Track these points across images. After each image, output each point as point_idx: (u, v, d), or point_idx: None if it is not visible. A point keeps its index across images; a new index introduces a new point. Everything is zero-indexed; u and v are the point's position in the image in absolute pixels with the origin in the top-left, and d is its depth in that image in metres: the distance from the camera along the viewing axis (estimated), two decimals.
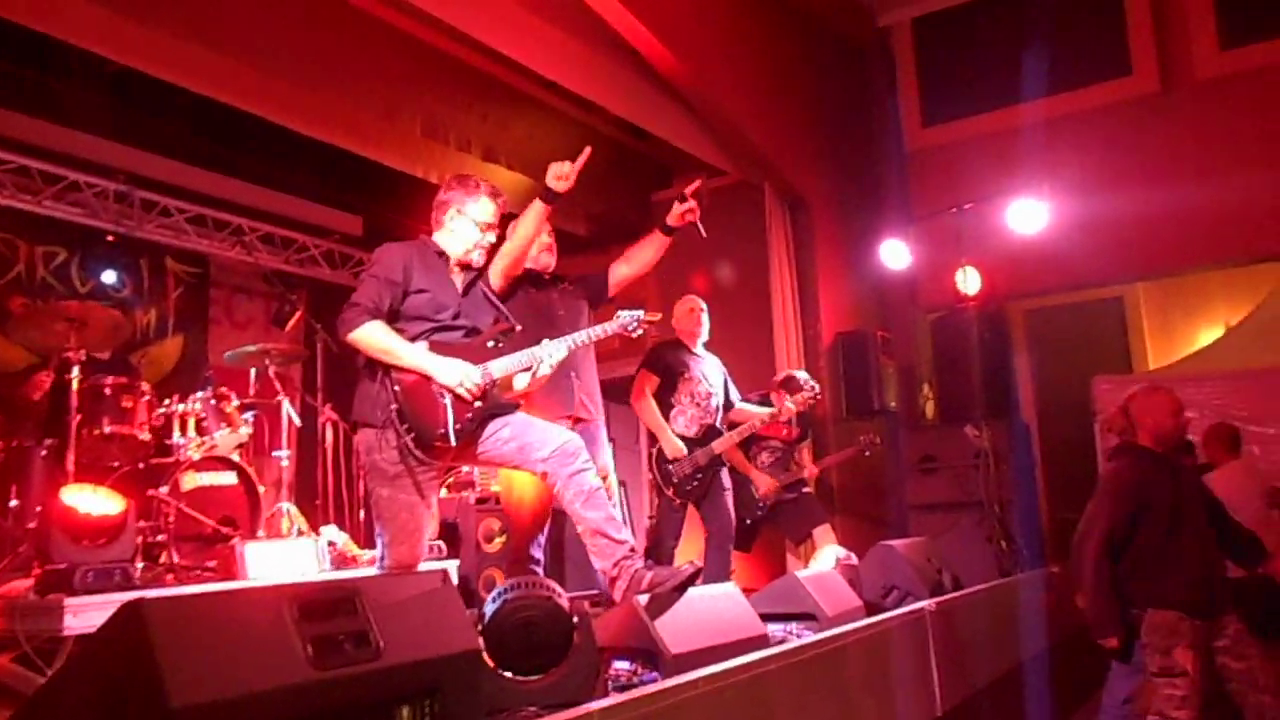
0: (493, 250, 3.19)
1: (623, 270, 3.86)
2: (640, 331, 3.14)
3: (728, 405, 4.74)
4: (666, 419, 4.52)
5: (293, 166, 6.69)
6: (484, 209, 3.04)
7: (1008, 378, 6.99)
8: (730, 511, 4.55)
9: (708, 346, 4.79)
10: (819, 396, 4.93)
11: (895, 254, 6.60)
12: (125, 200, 6.03)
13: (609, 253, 8.35)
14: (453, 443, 2.78)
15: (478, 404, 2.83)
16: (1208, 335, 7.52)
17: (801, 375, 5.45)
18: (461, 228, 3.03)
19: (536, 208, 3.40)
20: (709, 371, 4.68)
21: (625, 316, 3.09)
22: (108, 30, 4.74)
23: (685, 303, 4.83)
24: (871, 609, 3.55)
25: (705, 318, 4.77)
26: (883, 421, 6.82)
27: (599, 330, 3.11)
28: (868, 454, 5.60)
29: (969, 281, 6.17)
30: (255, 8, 4.97)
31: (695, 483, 4.46)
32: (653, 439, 4.67)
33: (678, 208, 3.70)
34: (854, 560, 4.25)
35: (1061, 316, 7.98)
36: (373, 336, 2.80)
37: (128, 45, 4.90)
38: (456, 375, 2.80)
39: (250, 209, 6.84)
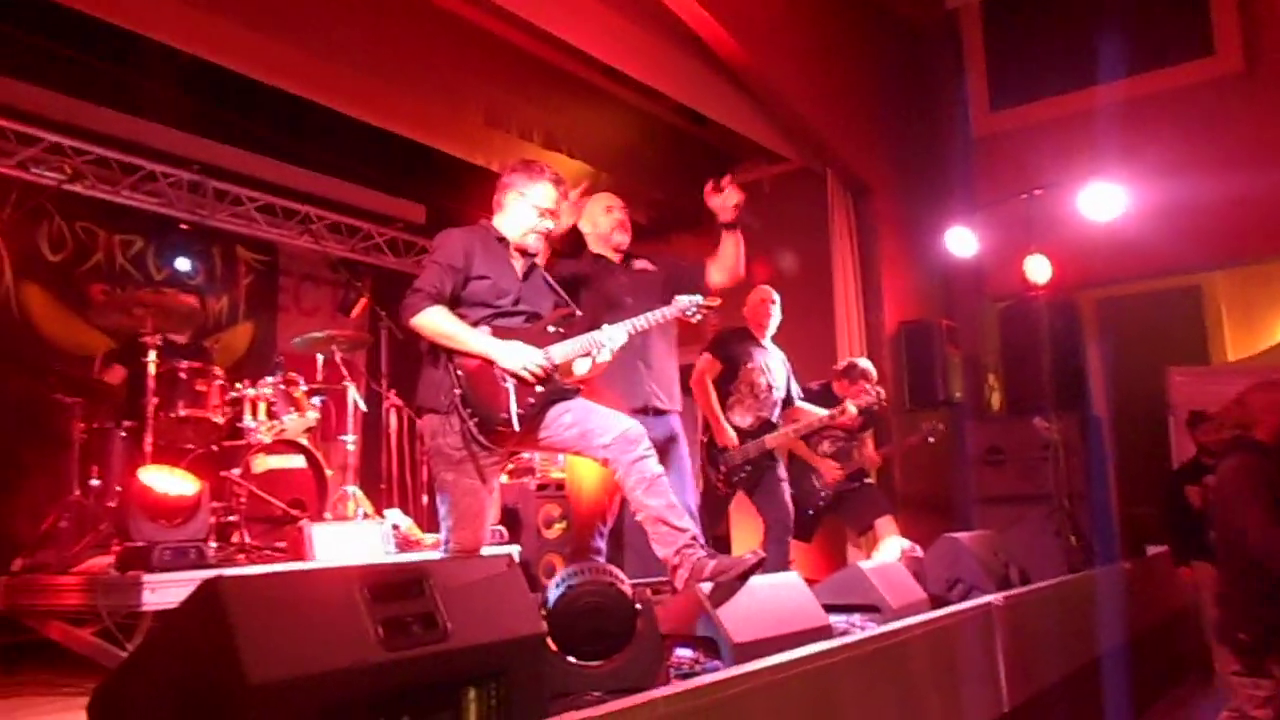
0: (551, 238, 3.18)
1: (715, 276, 3.63)
2: (699, 317, 3.11)
3: (787, 401, 4.69)
4: (724, 408, 4.49)
5: (358, 156, 6.80)
6: (545, 194, 3.02)
7: (1078, 368, 6.80)
8: (787, 503, 4.51)
9: (774, 339, 4.76)
10: (884, 400, 4.84)
11: (962, 241, 6.46)
12: (198, 190, 6.19)
13: (669, 241, 8.39)
14: (516, 427, 2.80)
15: (539, 388, 2.84)
16: None
17: (863, 363, 5.39)
18: (520, 210, 3.03)
19: None
20: (772, 364, 4.64)
21: (684, 301, 3.06)
22: (180, 23, 4.85)
23: (758, 292, 4.78)
24: (936, 602, 3.49)
25: (776, 309, 4.72)
26: (947, 412, 6.69)
27: (657, 315, 3.08)
28: (931, 440, 5.49)
29: (1038, 270, 6.00)
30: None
31: (744, 474, 4.44)
32: (707, 426, 4.65)
33: (717, 200, 3.50)
34: (918, 552, 4.18)
35: (1135, 306, 7.73)
36: (435, 321, 2.82)
37: (200, 37, 5.02)
38: (519, 359, 2.81)
39: (317, 198, 6.97)
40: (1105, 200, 5.84)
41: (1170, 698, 5.29)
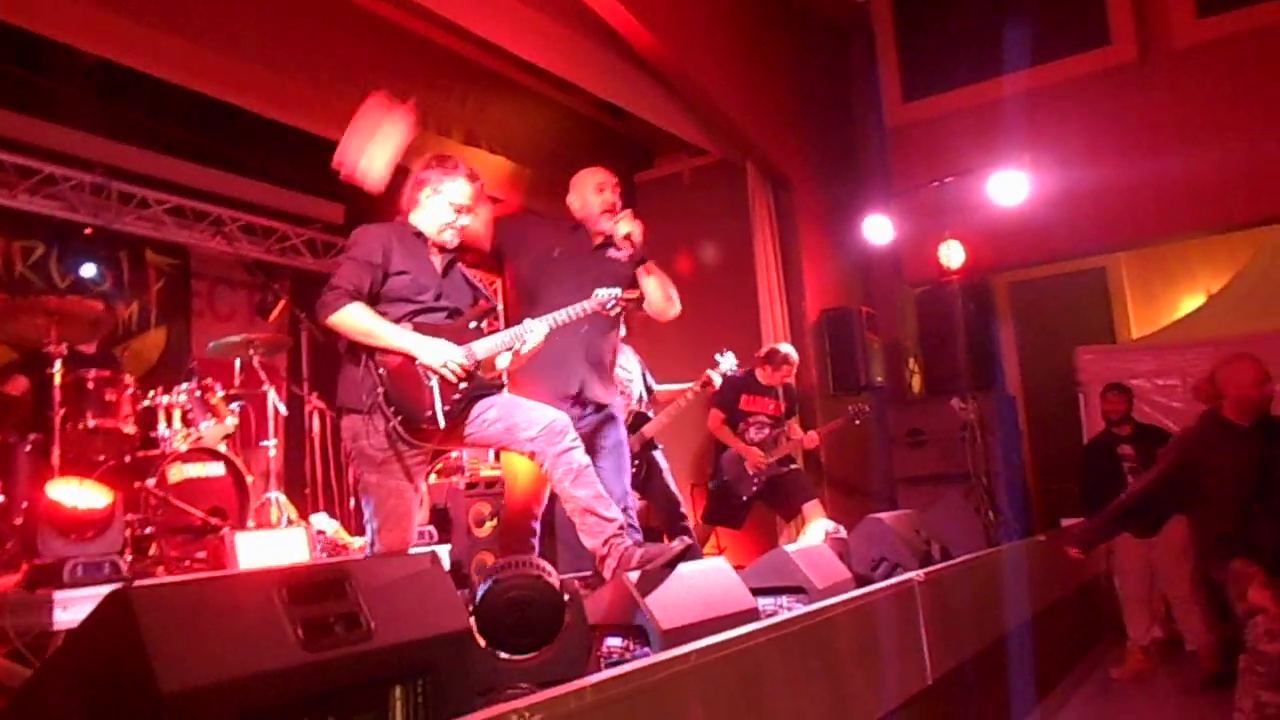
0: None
1: (653, 311, 3.52)
2: (618, 309, 3.11)
3: (649, 390, 4.93)
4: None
5: (272, 155, 6.63)
6: (460, 190, 2.98)
7: (992, 350, 7.05)
8: (673, 490, 4.67)
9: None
10: (732, 368, 5.10)
11: (878, 229, 6.62)
12: (102, 192, 5.96)
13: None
14: (440, 424, 2.77)
15: (463, 385, 2.82)
16: (1190, 303, 7.58)
17: (785, 348, 5.50)
18: (435, 206, 2.99)
19: None
20: (626, 362, 4.79)
21: (603, 294, 3.04)
22: (82, 22, 4.67)
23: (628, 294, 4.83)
24: (861, 581, 3.57)
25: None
26: (869, 396, 6.85)
27: (576, 309, 3.08)
28: (858, 423, 5.63)
29: (952, 255, 6.19)
30: None
31: (631, 470, 4.51)
32: None
33: (607, 226, 3.41)
34: (843, 534, 4.27)
35: (1045, 288, 8.03)
36: (354, 318, 2.78)
37: (103, 37, 4.84)
38: (441, 355, 2.78)
39: (230, 199, 6.77)
40: (1012, 187, 6.04)
41: (1088, 658, 5.53)
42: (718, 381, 5.01)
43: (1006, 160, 6.15)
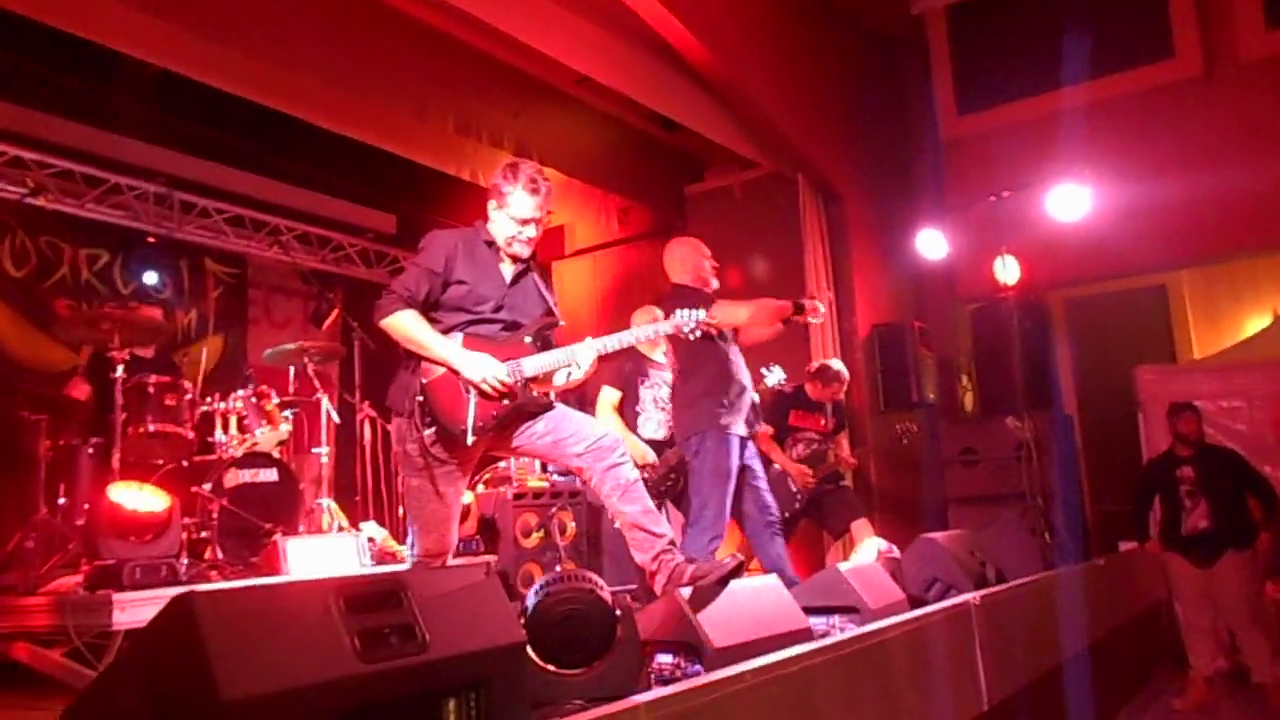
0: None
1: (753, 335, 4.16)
2: (699, 333, 3.07)
3: None
4: (634, 426, 4.59)
5: (328, 166, 6.76)
6: (521, 204, 2.93)
7: (1049, 368, 6.88)
8: None
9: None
10: (781, 383, 5.04)
11: (932, 244, 6.52)
12: (165, 202, 6.12)
13: (642, 247, 8.38)
14: (469, 441, 2.74)
15: (505, 401, 2.80)
16: (1256, 323, 7.33)
17: (836, 364, 5.43)
18: (500, 220, 2.97)
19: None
20: (668, 378, 4.73)
21: (683, 316, 3.00)
22: (146, 34, 4.81)
23: (646, 312, 4.81)
24: (914, 602, 3.50)
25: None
26: (921, 414, 6.74)
27: (652, 329, 3.05)
28: (905, 442, 5.53)
29: (1008, 271, 6.07)
30: (289, 10, 5.01)
31: (669, 483, 4.49)
32: None
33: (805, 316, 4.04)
34: (896, 553, 4.20)
35: (1103, 305, 7.82)
36: (404, 325, 2.79)
37: (166, 49, 4.97)
38: (482, 371, 2.76)
39: (287, 209, 6.91)
40: (1072, 201, 5.92)
41: (1149, 688, 5.36)
42: (755, 398, 4.90)
43: (1065, 174, 6.02)
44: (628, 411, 4.64)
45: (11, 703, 3.60)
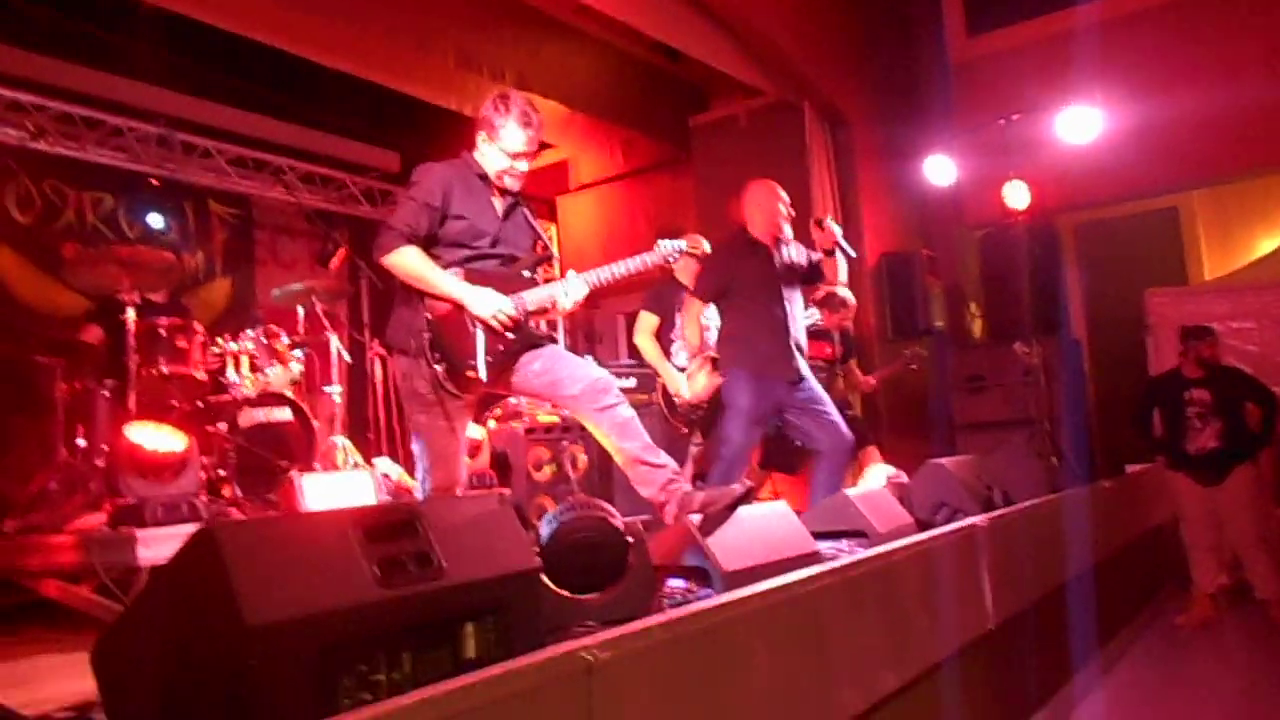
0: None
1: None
2: (681, 261, 3.09)
3: None
4: (668, 354, 4.65)
5: (329, 104, 6.69)
6: (513, 137, 2.89)
7: (1057, 293, 6.86)
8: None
9: None
10: (817, 321, 5.03)
11: (940, 170, 6.43)
12: (166, 144, 6.07)
13: (647, 179, 8.28)
14: (483, 376, 2.76)
15: (510, 335, 2.81)
16: (1268, 243, 7.27)
17: (842, 291, 5.42)
18: (490, 153, 2.93)
19: None
20: (709, 312, 4.73)
21: (667, 246, 3.01)
22: None
23: (691, 241, 4.81)
24: (922, 526, 3.55)
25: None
26: (929, 341, 6.74)
27: (638, 261, 3.04)
28: (913, 367, 5.55)
29: (1017, 196, 5.98)
30: None
31: (700, 412, 4.54)
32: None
33: (817, 238, 4.00)
34: (904, 479, 4.25)
35: (1114, 229, 7.76)
36: (407, 261, 2.77)
37: None
38: (490, 306, 2.76)
39: (289, 148, 6.86)
40: (1082, 124, 5.81)
41: (1152, 605, 5.46)
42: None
43: (1076, 96, 5.90)
44: (664, 338, 4.67)
45: (46, 636, 3.71)
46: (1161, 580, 5.82)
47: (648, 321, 4.68)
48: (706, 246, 3.50)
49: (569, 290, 2.88)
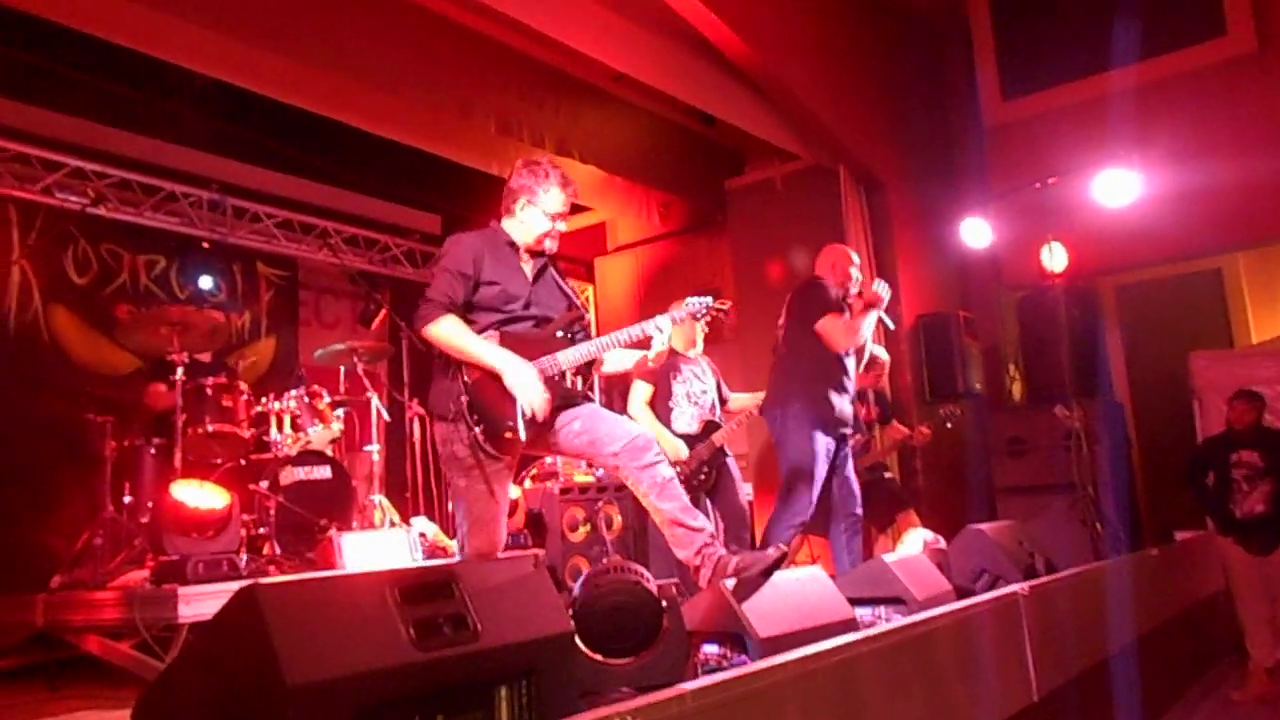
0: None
1: None
2: (708, 319, 3.10)
3: (724, 401, 4.96)
4: (667, 421, 4.66)
5: (373, 169, 6.89)
6: (554, 199, 3.00)
7: (1098, 356, 6.78)
8: (740, 501, 4.68)
9: (706, 351, 5.02)
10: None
11: (976, 232, 6.44)
12: (218, 208, 6.28)
13: (683, 241, 8.38)
14: (522, 437, 2.79)
15: (545, 396, 2.83)
16: None
17: (874, 348, 5.42)
18: (531, 218, 3.01)
19: None
20: (701, 372, 4.84)
21: (694, 304, 3.03)
22: (195, 46, 4.94)
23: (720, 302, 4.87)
24: (961, 594, 3.49)
25: (701, 329, 4.88)
26: (968, 403, 6.68)
27: (665, 319, 3.08)
28: (949, 425, 5.48)
29: (1055, 258, 5.97)
30: (331, 16, 5.11)
31: (702, 477, 4.54)
32: None
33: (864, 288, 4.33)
34: (942, 544, 4.18)
35: (1156, 291, 7.67)
36: (448, 332, 2.83)
37: (214, 59, 5.11)
38: (525, 394, 2.77)
39: (334, 212, 7.06)
40: (1120, 186, 5.80)
41: (1205, 679, 5.27)
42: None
43: (1113, 159, 5.91)
44: (660, 406, 4.69)
45: (86, 692, 3.75)
46: (1215, 653, 5.62)
47: (643, 391, 4.70)
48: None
49: (612, 345, 2.95)
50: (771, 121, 6.53)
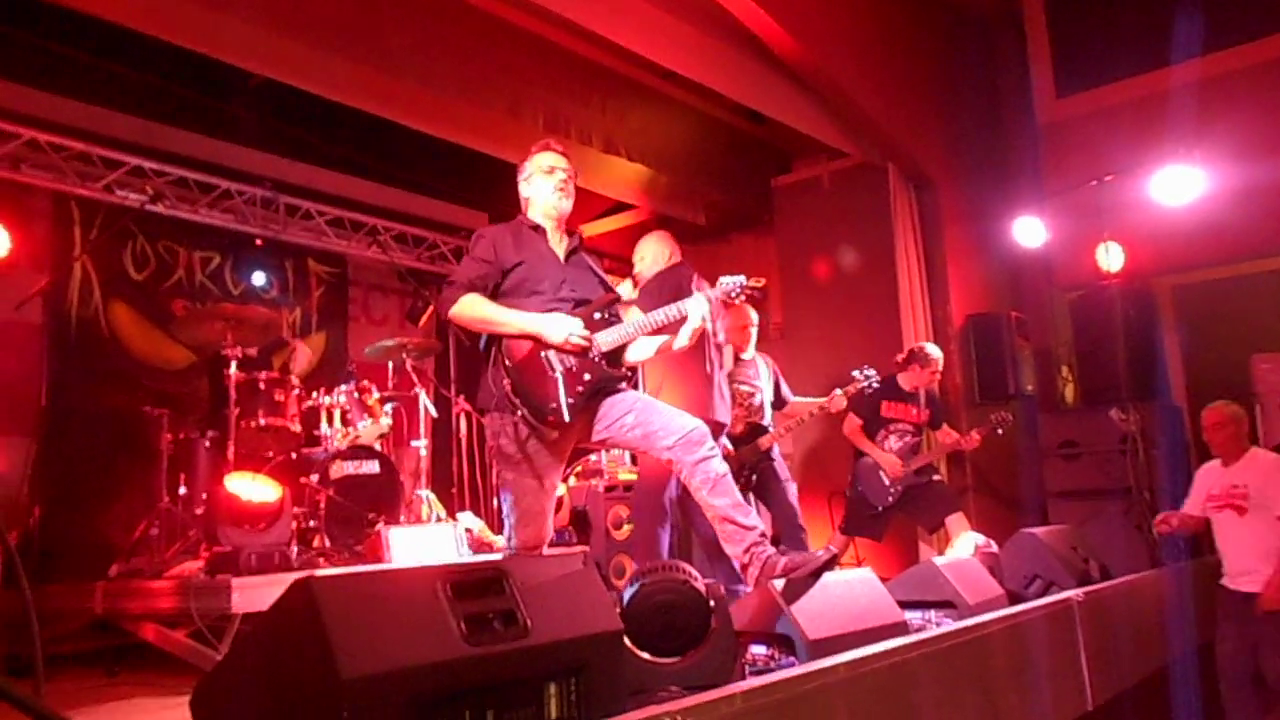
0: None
1: None
2: (742, 298, 3.07)
3: (780, 403, 4.94)
4: None
5: (422, 167, 6.96)
6: (544, 157, 3.12)
7: (1155, 358, 6.60)
8: (791, 501, 4.63)
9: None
10: (873, 385, 4.98)
11: (1029, 231, 6.33)
12: (271, 206, 6.39)
13: (729, 241, 8.35)
14: (565, 416, 2.79)
15: (587, 376, 2.85)
16: None
17: (930, 347, 5.36)
18: (536, 184, 3.11)
19: None
20: (753, 374, 4.82)
21: (728, 283, 3.00)
22: (251, 46, 5.02)
23: (739, 315, 4.87)
24: (1014, 599, 3.43)
25: (754, 330, 4.94)
26: (1019, 405, 6.55)
27: (700, 297, 3.05)
28: (1000, 432, 5.38)
29: (1111, 258, 5.84)
30: (382, 16, 5.17)
31: (743, 478, 4.51)
32: None
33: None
34: (994, 548, 4.11)
35: (1215, 291, 7.46)
36: (471, 306, 2.87)
37: (269, 59, 5.19)
38: (562, 330, 2.83)
39: (384, 210, 7.14)
40: (1180, 184, 5.66)
41: (1266, 690, 5.11)
42: (841, 404, 4.91)
43: (1172, 156, 5.76)
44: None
45: (143, 679, 3.84)
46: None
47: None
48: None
49: (647, 324, 2.95)
50: (819, 118, 6.47)
